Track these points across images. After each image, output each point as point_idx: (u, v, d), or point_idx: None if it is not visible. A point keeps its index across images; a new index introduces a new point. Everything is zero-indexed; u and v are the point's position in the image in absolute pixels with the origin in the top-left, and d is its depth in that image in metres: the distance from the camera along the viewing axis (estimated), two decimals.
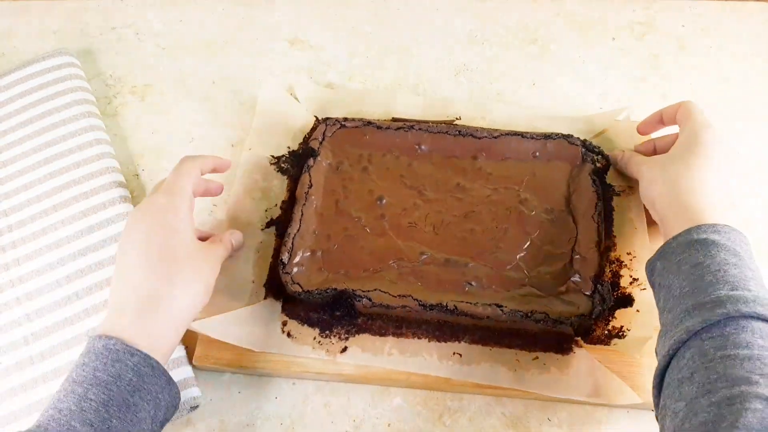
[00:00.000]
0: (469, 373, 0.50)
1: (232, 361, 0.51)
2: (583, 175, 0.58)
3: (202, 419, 0.51)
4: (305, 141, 0.63)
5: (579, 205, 0.56)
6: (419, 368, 0.50)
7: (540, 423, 0.50)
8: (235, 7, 0.78)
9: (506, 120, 0.65)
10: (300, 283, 0.52)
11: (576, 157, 0.59)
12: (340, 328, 0.52)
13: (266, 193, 0.60)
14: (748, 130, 0.68)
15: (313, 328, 0.52)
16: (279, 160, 0.61)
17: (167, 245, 0.45)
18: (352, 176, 0.59)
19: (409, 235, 0.55)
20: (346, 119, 0.62)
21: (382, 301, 0.51)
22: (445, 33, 0.77)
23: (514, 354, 0.51)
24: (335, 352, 0.51)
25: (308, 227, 0.55)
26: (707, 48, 0.75)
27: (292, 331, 0.52)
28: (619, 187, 0.59)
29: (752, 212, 0.62)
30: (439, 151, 0.60)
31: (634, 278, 0.53)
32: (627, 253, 0.55)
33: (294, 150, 0.62)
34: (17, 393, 0.50)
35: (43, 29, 0.76)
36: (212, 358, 0.51)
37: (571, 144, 0.60)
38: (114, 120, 0.68)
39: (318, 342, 0.51)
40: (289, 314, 0.53)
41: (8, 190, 0.60)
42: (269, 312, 0.53)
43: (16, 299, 0.54)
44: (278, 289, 0.54)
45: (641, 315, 0.51)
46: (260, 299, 0.54)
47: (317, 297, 0.52)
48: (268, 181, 0.60)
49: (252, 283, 0.55)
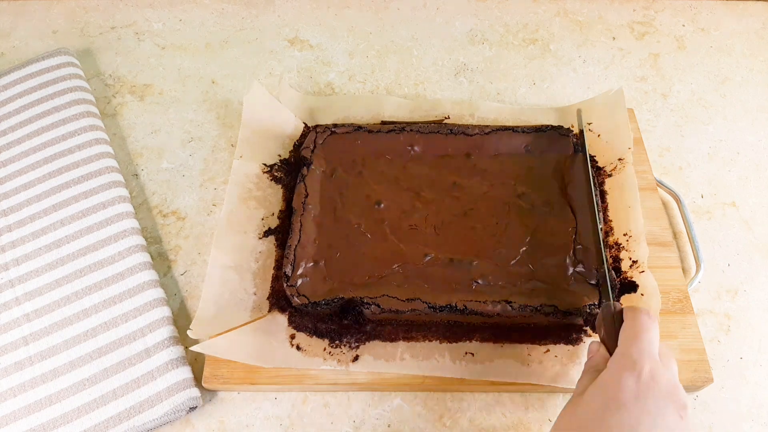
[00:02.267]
0: (483, 371, 0.50)
1: (242, 380, 0.50)
2: (576, 165, 0.58)
3: (202, 419, 0.51)
4: (296, 149, 0.62)
5: (575, 195, 0.57)
6: (433, 371, 0.50)
7: (540, 423, 0.50)
8: (235, 7, 0.78)
9: (494, 116, 0.65)
10: (306, 295, 0.51)
11: (567, 147, 0.60)
12: (350, 337, 0.51)
13: (261, 202, 0.59)
14: (748, 130, 0.68)
15: (323, 339, 0.51)
16: (272, 169, 0.61)
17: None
18: (348, 182, 0.59)
19: (410, 237, 0.55)
20: (336, 125, 0.62)
21: (391, 307, 0.50)
22: (445, 33, 0.77)
23: (526, 348, 0.51)
24: (347, 362, 0.50)
25: (308, 237, 0.55)
26: (707, 48, 0.75)
27: (301, 343, 0.51)
28: (610, 167, 0.59)
29: (752, 212, 0.62)
30: (433, 151, 0.60)
31: (633, 260, 0.54)
32: (624, 234, 0.55)
33: (286, 158, 0.62)
34: (17, 393, 0.50)
35: (43, 29, 0.76)
36: (221, 378, 0.50)
37: (561, 135, 0.60)
38: (113, 120, 0.68)
39: (329, 353, 0.51)
40: (297, 327, 0.52)
41: (8, 190, 0.60)
42: (276, 325, 0.52)
43: (15, 299, 0.54)
44: (283, 301, 0.53)
45: (646, 299, 0.51)
46: (264, 312, 0.53)
47: (324, 308, 0.51)
48: (262, 190, 0.60)
49: (254, 295, 0.54)
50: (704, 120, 0.69)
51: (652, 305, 0.51)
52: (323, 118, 0.65)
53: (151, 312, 0.53)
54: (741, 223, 0.61)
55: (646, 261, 0.53)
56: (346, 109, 0.66)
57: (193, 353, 0.52)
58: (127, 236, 0.57)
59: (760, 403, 0.51)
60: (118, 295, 0.53)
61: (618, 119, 0.62)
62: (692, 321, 0.53)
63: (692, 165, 0.65)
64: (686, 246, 0.59)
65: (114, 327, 0.52)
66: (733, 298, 0.57)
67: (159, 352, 0.51)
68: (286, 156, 0.62)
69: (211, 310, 0.52)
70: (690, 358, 0.51)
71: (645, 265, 0.53)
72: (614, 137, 0.61)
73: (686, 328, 0.52)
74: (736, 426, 0.50)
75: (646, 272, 0.53)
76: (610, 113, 0.63)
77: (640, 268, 0.53)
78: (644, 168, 0.62)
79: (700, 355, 0.51)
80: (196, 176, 0.64)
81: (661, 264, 0.55)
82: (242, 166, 0.60)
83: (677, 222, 0.60)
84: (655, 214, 0.59)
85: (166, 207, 0.62)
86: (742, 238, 0.60)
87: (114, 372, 0.50)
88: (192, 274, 0.58)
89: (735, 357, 0.53)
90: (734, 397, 0.51)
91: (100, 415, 0.48)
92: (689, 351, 0.51)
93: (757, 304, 0.56)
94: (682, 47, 0.75)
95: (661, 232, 0.58)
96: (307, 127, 0.64)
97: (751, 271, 0.58)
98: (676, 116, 0.69)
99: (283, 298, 0.53)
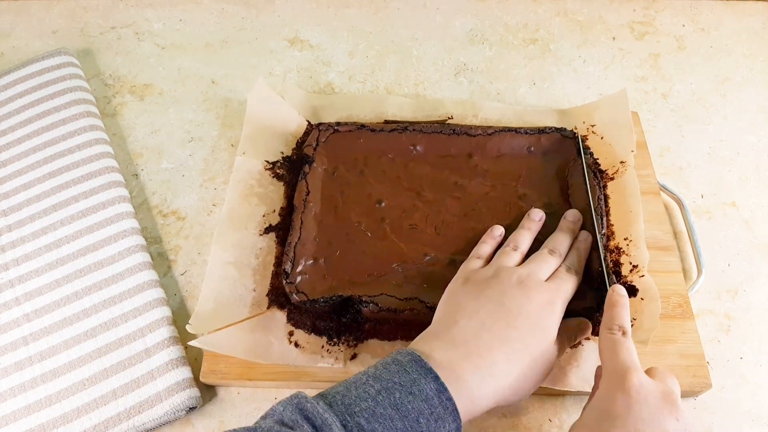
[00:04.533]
0: None
1: (240, 375, 0.50)
2: (579, 168, 0.58)
3: (202, 419, 0.51)
4: (299, 146, 0.62)
5: (577, 198, 0.57)
6: None
7: (540, 423, 0.50)
8: (235, 7, 0.78)
9: (497, 116, 0.65)
10: (305, 292, 0.51)
11: (570, 150, 0.60)
12: (348, 335, 0.51)
13: (263, 198, 0.59)
14: (748, 130, 0.68)
15: (321, 337, 0.51)
16: (274, 166, 0.61)
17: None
18: (349, 181, 0.59)
19: (411, 237, 0.55)
20: (339, 124, 0.62)
21: (389, 306, 0.50)
22: (445, 33, 0.77)
23: None
24: (345, 360, 0.51)
25: (309, 235, 0.55)
26: (707, 48, 0.75)
27: (299, 340, 0.51)
28: (612, 171, 0.59)
29: (752, 212, 0.62)
30: (435, 151, 0.60)
31: (633, 265, 0.54)
32: (624, 238, 0.55)
33: (288, 155, 0.62)
34: (17, 393, 0.50)
35: (42, 29, 0.76)
36: (219, 374, 0.51)
37: (564, 137, 0.60)
38: (113, 120, 0.68)
39: (326, 350, 0.51)
40: (295, 324, 0.52)
41: (7, 190, 0.60)
42: (274, 322, 0.52)
43: (15, 299, 0.54)
44: (282, 298, 0.53)
45: (645, 303, 0.51)
46: (263, 308, 0.53)
47: (323, 305, 0.51)
48: (264, 187, 0.60)
49: (253, 291, 0.54)
50: (704, 120, 0.69)
51: (652, 310, 0.50)
52: (327, 116, 0.65)
53: (151, 312, 0.53)
54: (741, 223, 0.61)
55: (647, 265, 0.53)
56: (349, 108, 0.66)
57: (192, 353, 0.52)
58: (127, 236, 0.57)
59: (760, 403, 0.51)
60: (118, 295, 0.53)
61: (621, 121, 0.62)
62: (692, 326, 0.53)
63: (692, 165, 0.65)
64: (688, 250, 0.59)
65: (114, 327, 0.52)
66: (733, 298, 0.57)
67: (159, 352, 0.51)
68: (288, 153, 0.62)
69: (210, 306, 0.52)
70: (689, 363, 0.51)
71: (645, 269, 0.53)
72: (617, 140, 0.61)
73: (686, 333, 0.52)
74: (736, 426, 0.50)
75: (646, 276, 0.52)
76: (613, 115, 0.62)
77: (640, 272, 0.53)
78: (647, 172, 0.61)
79: (699, 360, 0.51)
80: (196, 176, 0.64)
81: (661, 268, 0.55)
82: (245, 162, 0.60)
83: (679, 226, 0.60)
84: (658, 218, 0.59)
85: (166, 207, 0.62)
86: (742, 238, 0.60)
87: (114, 372, 0.50)
88: (192, 274, 0.58)
89: (735, 357, 0.53)
90: (734, 397, 0.51)
91: (99, 415, 0.48)
92: (688, 356, 0.51)
93: (757, 304, 0.56)
94: (682, 47, 0.75)
95: (663, 236, 0.58)
96: (311, 125, 0.64)
97: (751, 271, 0.58)
98: (676, 116, 0.69)
99: (282, 294, 0.53)
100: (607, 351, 0.43)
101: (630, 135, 0.60)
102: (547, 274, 0.48)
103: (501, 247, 0.52)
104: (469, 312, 0.45)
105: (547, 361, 0.45)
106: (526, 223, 0.54)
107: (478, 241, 0.54)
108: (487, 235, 0.53)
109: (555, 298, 0.46)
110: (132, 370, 0.50)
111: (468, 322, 0.44)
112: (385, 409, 0.38)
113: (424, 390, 0.39)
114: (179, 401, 0.49)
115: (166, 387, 0.49)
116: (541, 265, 0.49)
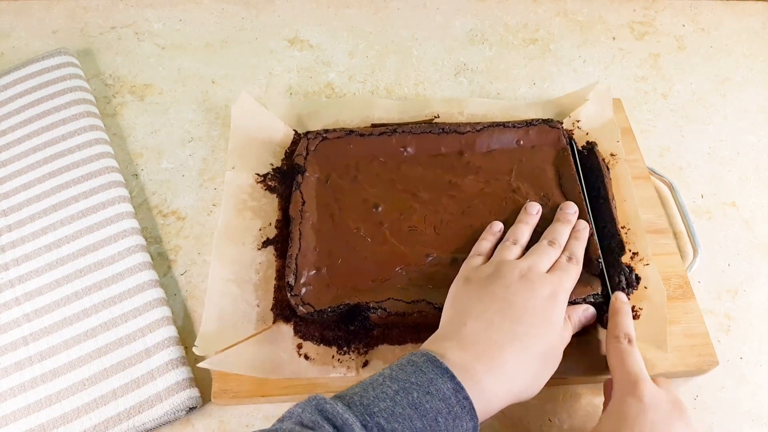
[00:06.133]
0: None
1: (252, 393, 0.50)
2: (568, 158, 0.59)
3: (202, 419, 0.51)
4: (288, 157, 0.62)
5: (570, 187, 0.57)
6: None
7: (540, 423, 0.50)
8: (235, 7, 0.78)
9: (483, 111, 0.66)
10: (311, 303, 0.51)
11: (559, 140, 0.60)
12: (358, 343, 0.51)
13: (257, 212, 0.59)
14: (748, 130, 0.68)
15: (330, 347, 0.51)
16: (265, 178, 0.61)
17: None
18: (343, 187, 0.58)
19: (410, 239, 0.55)
20: (327, 131, 0.61)
21: (397, 310, 0.50)
22: (445, 33, 0.77)
23: None
24: (357, 368, 0.50)
25: (309, 245, 0.54)
26: (707, 48, 0.75)
27: (309, 352, 0.51)
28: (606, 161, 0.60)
29: (752, 212, 0.62)
30: (426, 151, 0.60)
31: (633, 252, 0.54)
32: (622, 227, 0.56)
33: (278, 167, 0.61)
34: (17, 393, 0.50)
35: (42, 29, 0.76)
36: (231, 393, 0.50)
37: (552, 128, 0.61)
38: (113, 120, 0.68)
39: (338, 360, 0.50)
40: (303, 336, 0.51)
41: (7, 190, 0.60)
42: (281, 336, 0.51)
43: (15, 299, 0.54)
44: (287, 311, 0.53)
45: (649, 292, 0.52)
46: (268, 323, 0.52)
47: (330, 315, 0.51)
48: (257, 200, 0.59)
49: (257, 307, 0.53)
50: (704, 120, 0.69)
51: (656, 299, 0.51)
52: (312, 123, 0.64)
53: (151, 312, 0.53)
54: (741, 223, 0.61)
55: (650, 254, 0.53)
56: (335, 114, 0.65)
57: (200, 372, 0.51)
58: (127, 236, 0.57)
59: (760, 403, 0.51)
60: (118, 295, 0.53)
61: (605, 116, 0.63)
62: (694, 306, 0.53)
63: (692, 165, 0.65)
64: (682, 231, 0.59)
65: (114, 327, 0.52)
66: (733, 298, 0.57)
67: (159, 352, 0.51)
68: (278, 164, 0.62)
69: (214, 325, 0.51)
70: (694, 343, 0.51)
71: (649, 258, 0.53)
72: (603, 134, 0.62)
73: (688, 313, 0.53)
74: (736, 426, 0.50)
75: (651, 265, 0.53)
76: (597, 112, 0.64)
77: (643, 260, 0.53)
78: (635, 157, 0.62)
79: (704, 339, 0.51)
80: (196, 176, 0.64)
81: (659, 251, 0.56)
82: (235, 177, 0.60)
83: (672, 209, 0.61)
84: (650, 202, 0.60)
85: (166, 207, 0.62)
86: (742, 238, 0.60)
87: (114, 372, 0.50)
88: (192, 274, 0.58)
89: (735, 357, 0.53)
90: (734, 397, 0.51)
91: (99, 415, 0.48)
92: (693, 336, 0.51)
93: (757, 304, 0.56)
94: (682, 47, 0.75)
95: (657, 219, 0.59)
96: (298, 134, 0.63)
97: (751, 271, 0.58)
98: (676, 116, 0.69)
99: (286, 308, 0.52)
100: (616, 360, 0.45)
101: (614, 128, 0.62)
102: (548, 265, 0.49)
103: (501, 242, 0.52)
104: (476, 313, 0.45)
105: (555, 352, 0.45)
106: (524, 217, 0.54)
107: (478, 238, 0.54)
108: (486, 231, 0.54)
109: (558, 290, 0.47)
110: (132, 370, 0.50)
111: (476, 323, 0.44)
112: (403, 408, 0.38)
113: (441, 389, 0.40)
114: (179, 401, 0.49)
115: (166, 387, 0.49)
116: (542, 257, 0.49)
